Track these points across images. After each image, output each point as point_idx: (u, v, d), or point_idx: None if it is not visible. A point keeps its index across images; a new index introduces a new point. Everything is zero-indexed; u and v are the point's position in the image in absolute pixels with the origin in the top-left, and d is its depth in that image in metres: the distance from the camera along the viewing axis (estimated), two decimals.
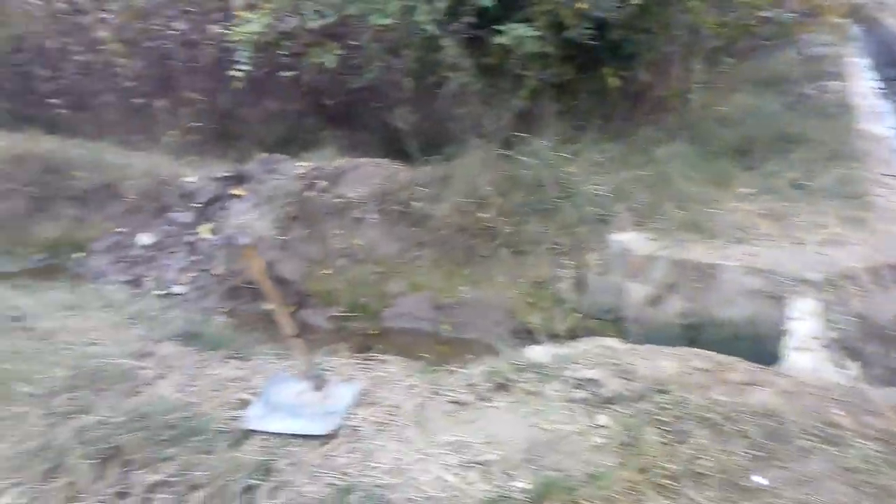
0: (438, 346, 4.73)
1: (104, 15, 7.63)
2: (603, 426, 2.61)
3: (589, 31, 5.22)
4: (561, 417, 2.67)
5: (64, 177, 6.39)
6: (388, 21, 5.37)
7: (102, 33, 7.53)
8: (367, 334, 4.93)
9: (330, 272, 5.23)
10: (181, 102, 7.83)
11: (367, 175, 5.60)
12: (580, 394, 2.78)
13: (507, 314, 4.79)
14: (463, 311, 4.90)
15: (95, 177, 6.29)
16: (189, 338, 3.58)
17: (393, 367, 3.30)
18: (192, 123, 7.65)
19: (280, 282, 5.18)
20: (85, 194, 6.31)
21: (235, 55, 6.20)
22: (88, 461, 2.51)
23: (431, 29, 5.12)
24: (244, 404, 2.91)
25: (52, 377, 2.92)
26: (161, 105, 7.71)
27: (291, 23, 6.40)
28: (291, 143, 7.44)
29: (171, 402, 2.84)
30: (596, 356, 3.02)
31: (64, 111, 8.81)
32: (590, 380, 2.82)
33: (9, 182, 6.37)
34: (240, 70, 6.09)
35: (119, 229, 6.03)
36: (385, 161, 5.76)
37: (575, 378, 2.85)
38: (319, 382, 2.96)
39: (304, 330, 4.86)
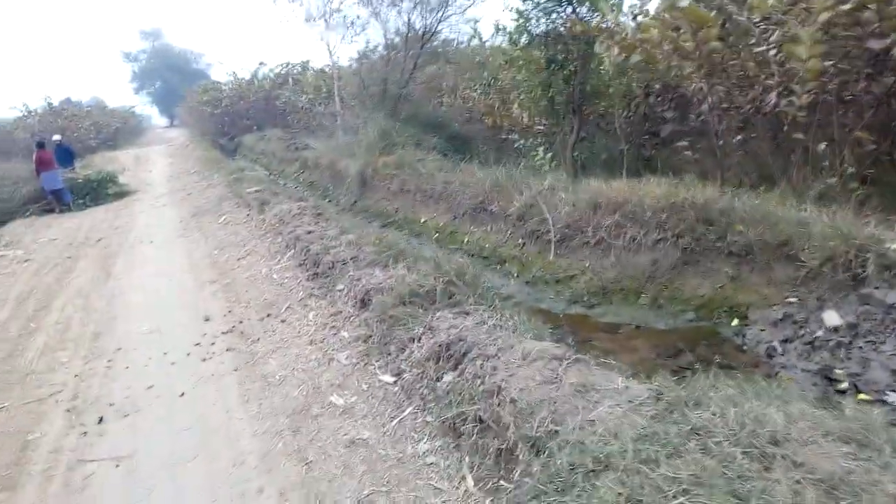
0: None
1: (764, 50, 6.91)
2: None
3: None
4: None
5: (719, 229, 5.81)
6: None
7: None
8: None
9: None
10: (846, 144, 6.52)
11: None
12: None
13: None
14: None
15: (760, 232, 5.49)
16: None
17: None
18: (856, 170, 6.25)
19: None
20: (744, 251, 5.58)
21: None
22: None
23: None
24: None
25: None
26: (820, 148, 6.54)
27: None
28: None
29: None
30: None
31: (688, 154, 8.62)
32: None
33: (660, 231, 6.17)
34: None
35: (790, 299, 5.06)
36: None
37: None
38: None
39: None
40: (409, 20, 14.57)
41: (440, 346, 4.19)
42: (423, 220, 10.28)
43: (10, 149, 22.99)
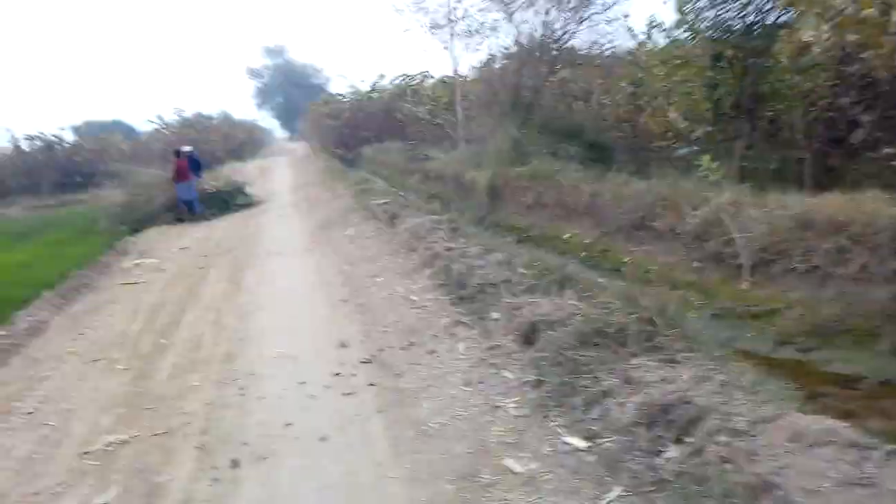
0: None
1: None
2: None
3: None
4: None
5: None
6: None
7: None
8: None
9: None
10: None
11: None
12: None
13: None
14: None
15: None
16: None
17: None
18: None
19: None
20: None
21: None
22: None
23: None
24: None
25: None
26: None
27: None
28: None
29: None
30: None
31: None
32: None
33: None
34: None
35: None
36: None
37: None
38: None
39: None
40: (545, 21, 13.71)
41: (653, 406, 3.25)
42: (565, 237, 9.34)
43: (148, 158, 24.31)
